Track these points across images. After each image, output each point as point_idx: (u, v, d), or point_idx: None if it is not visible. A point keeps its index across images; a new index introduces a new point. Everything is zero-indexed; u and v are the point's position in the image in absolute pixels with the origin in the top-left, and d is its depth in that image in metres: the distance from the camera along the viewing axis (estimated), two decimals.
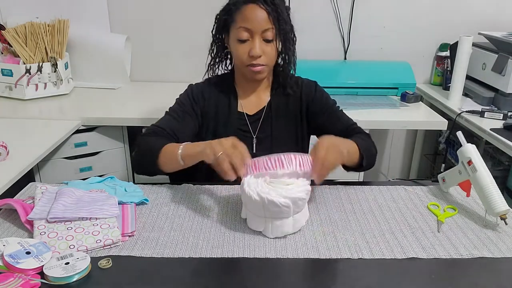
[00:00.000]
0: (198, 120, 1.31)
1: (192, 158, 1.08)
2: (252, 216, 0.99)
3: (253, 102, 1.34)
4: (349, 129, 1.30)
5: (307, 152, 1.40)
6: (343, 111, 1.36)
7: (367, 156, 1.17)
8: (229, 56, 1.33)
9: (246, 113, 1.32)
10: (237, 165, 0.97)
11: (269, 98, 1.33)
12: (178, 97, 1.33)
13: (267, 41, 1.20)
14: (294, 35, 1.26)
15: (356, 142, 1.16)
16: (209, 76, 1.33)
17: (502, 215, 1.01)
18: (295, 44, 1.28)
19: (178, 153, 1.08)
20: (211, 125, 1.31)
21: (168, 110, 1.31)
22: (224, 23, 1.24)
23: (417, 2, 2.24)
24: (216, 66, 1.32)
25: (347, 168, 1.20)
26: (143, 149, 1.18)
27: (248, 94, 1.34)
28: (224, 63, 1.33)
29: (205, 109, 1.31)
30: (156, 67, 2.31)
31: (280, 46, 1.24)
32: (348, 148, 1.11)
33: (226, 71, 1.36)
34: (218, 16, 1.26)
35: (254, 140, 1.32)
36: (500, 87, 1.93)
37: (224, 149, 0.99)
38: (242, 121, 1.32)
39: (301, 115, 1.33)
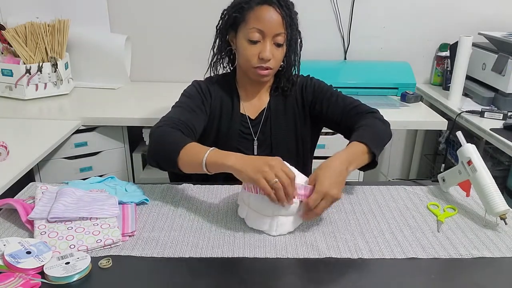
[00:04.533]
0: (207, 116, 1.27)
1: (219, 169, 0.99)
2: (255, 214, 0.99)
3: (255, 104, 1.33)
4: (349, 110, 1.25)
5: (308, 153, 1.40)
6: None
7: (378, 149, 1.11)
8: (231, 54, 1.31)
9: (248, 116, 1.32)
10: (289, 195, 0.92)
11: (268, 99, 1.33)
12: (183, 92, 1.29)
13: (278, 45, 1.18)
14: (301, 41, 1.25)
15: (363, 141, 1.08)
16: (211, 73, 1.31)
17: (502, 215, 1.01)
18: (301, 50, 1.27)
19: (203, 160, 0.99)
20: (214, 124, 1.29)
21: (176, 104, 1.25)
22: (233, 20, 1.21)
23: (417, 2, 2.24)
24: (219, 63, 1.29)
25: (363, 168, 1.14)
26: (163, 142, 1.08)
27: (250, 96, 1.32)
28: (225, 60, 1.31)
29: (211, 107, 1.29)
30: (156, 67, 2.31)
31: (288, 51, 1.23)
32: (359, 162, 1.07)
33: (227, 70, 1.34)
34: (226, 12, 1.23)
35: (255, 143, 1.32)
36: (500, 87, 1.93)
37: (279, 177, 0.91)
38: (244, 124, 1.31)
39: (299, 113, 1.32)
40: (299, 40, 1.24)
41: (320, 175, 0.97)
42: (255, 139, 1.31)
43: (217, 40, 1.27)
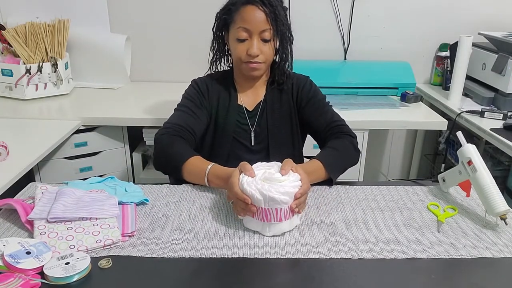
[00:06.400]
0: (207, 113, 1.35)
1: (216, 186, 1.16)
2: (250, 216, 0.99)
3: (251, 97, 1.38)
4: (332, 127, 1.32)
5: (302, 146, 1.45)
6: (343, 111, 1.38)
7: (336, 173, 1.21)
8: (229, 53, 1.37)
9: (245, 107, 1.37)
10: (240, 213, 1.00)
11: (265, 93, 1.38)
12: (184, 93, 1.36)
13: (265, 40, 1.24)
14: (291, 34, 1.30)
15: (325, 165, 1.17)
16: (211, 72, 1.37)
17: (502, 215, 1.01)
18: (292, 43, 1.31)
19: (204, 176, 1.14)
20: (213, 117, 1.35)
21: (178, 107, 1.33)
22: (224, 22, 1.28)
23: (417, 2, 2.24)
24: (218, 62, 1.36)
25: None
26: (167, 155, 1.20)
27: (246, 90, 1.38)
28: (225, 58, 1.37)
29: (209, 101, 1.35)
30: (156, 67, 2.31)
31: (278, 45, 1.28)
32: (314, 178, 1.15)
33: (228, 67, 1.39)
34: (218, 15, 1.30)
35: (252, 133, 1.36)
36: (500, 87, 1.93)
37: (232, 199, 1.03)
38: (241, 114, 1.36)
39: (294, 108, 1.38)
40: (288, 34, 1.28)
41: (305, 178, 1.03)
42: (252, 130, 1.36)
43: (214, 42, 1.34)
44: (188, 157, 1.17)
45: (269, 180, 0.99)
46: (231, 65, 1.39)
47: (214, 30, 1.32)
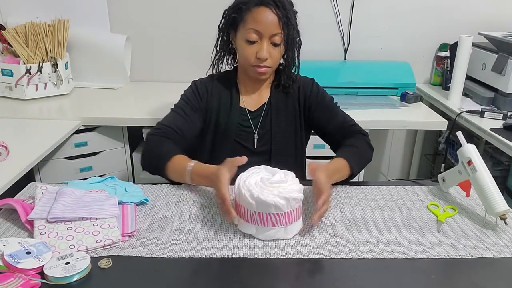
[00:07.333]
0: (203, 116, 1.33)
1: (199, 184, 1.16)
2: (265, 228, 0.96)
3: (254, 98, 1.36)
4: (345, 128, 1.32)
5: (304, 150, 1.43)
6: (344, 110, 1.37)
7: (358, 169, 1.22)
8: (233, 52, 1.35)
9: (247, 109, 1.35)
10: (226, 217, 1.01)
11: (269, 95, 1.36)
12: (182, 93, 1.35)
13: (275, 44, 1.22)
14: (300, 39, 1.28)
15: (348, 161, 1.18)
16: (213, 70, 1.35)
17: (502, 215, 1.01)
18: (300, 48, 1.29)
19: (187, 174, 1.13)
20: (213, 119, 1.33)
21: (173, 107, 1.32)
22: (232, 20, 1.25)
23: (417, 2, 2.24)
24: (221, 60, 1.33)
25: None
26: (153, 154, 1.20)
27: (250, 91, 1.36)
28: (228, 58, 1.35)
29: (209, 103, 1.33)
30: (156, 67, 2.31)
31: (286, 50, 1.26)
32: (339, 176, 1.17)
33: (230, 68, 1.37)
34: (226, 12, 1.27)
35: (255, 136, 1.34)
36: (500, 87, 1.93)
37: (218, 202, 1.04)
38: (243, 116, 1.34)
39: (299, 111, 1.36)
40: (297, 38, 1.26)
41: (323, 183, 1.03)
42: (255, 132, 1.34)
43: (219, 39, 1.31)
44: (172, 156, 1.16)
45: (264, 184, 0.97)
46: (234, 65, 1.37)
47: (220, 27, 1.29)
